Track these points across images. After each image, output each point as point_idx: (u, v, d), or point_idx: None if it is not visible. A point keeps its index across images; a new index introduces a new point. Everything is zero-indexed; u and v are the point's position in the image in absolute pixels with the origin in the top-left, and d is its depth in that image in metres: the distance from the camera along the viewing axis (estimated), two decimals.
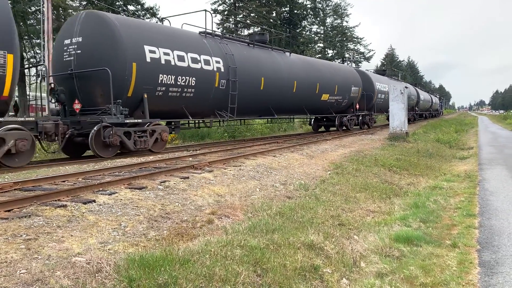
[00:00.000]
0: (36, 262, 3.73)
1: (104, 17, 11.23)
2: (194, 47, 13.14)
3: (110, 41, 10.87)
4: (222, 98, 14.08)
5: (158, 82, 11.72)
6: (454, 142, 20.56)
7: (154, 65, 11.57)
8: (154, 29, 12.51)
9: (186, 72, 12.53)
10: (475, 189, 9.12)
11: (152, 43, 11.64)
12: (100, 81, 10.75)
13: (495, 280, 4.36)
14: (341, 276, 4.54)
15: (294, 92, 18.09)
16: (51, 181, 7.07)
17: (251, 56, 15.85)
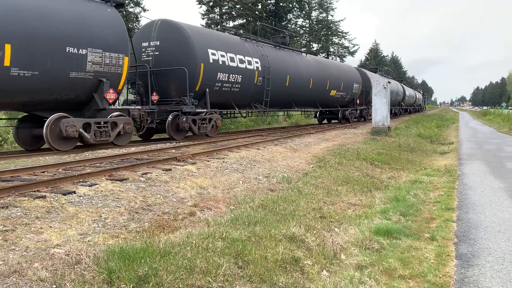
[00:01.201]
0: (13, 254, 3.67)
1: (178, 26, 13.76)
2: (239, 49, 15.72)
3: (185, 46, 13.36)
4: (258, 92, 16.66)
5: (217, 79, 14.33)
6: (435, 137, 20.90)
7: (215, 65, 14.16)
8: (213, 35, 15.40)
9: (235, 71, 15.15)
10: (454, 184, 9.29)
11: (213, 47, 14.23)
12: (175, 78, 13.22)
13: (471, 272, 4.46)
14: (322, 268, 4.59)
15: (310, 88, 20.85)
16: (30, 171, 6.95)
17: (278, 56, 18.42)
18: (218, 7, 40.41)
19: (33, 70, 9.25)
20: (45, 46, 9.42)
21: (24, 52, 9.04)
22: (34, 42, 9.22)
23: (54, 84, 9.84)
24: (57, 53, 9.66)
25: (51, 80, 9.69)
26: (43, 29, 9.39)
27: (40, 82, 9.47)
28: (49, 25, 9.52)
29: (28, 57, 9.14)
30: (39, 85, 9.50)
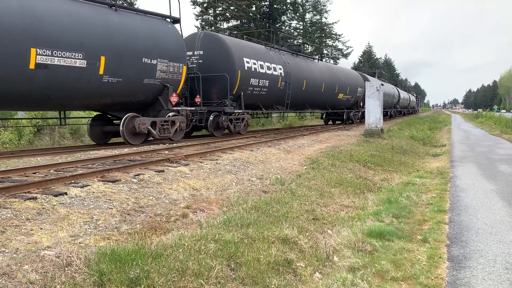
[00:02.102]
0: (2, 256, 3.62)
1: (219, 37, 16.04)
2: (266, 57, 17.82)
3: (225, 55, 15.44)
4: (280, 95, 18.78)
5: (249, 83, 16.37)
6: (427, 139, 21.00)
7: (248, 72, 16.19)
8: (246, 45, 17.45)
9: (264, 76, 17.20)
10: (447, 186, 9.34)
11: (247, 56, 16.29)
12: (217, 82, 15.25)
13: (463, 274, 4.48)
14: (314, 270, 4.58)
15: (322, 91, 23.09)
16: (21, 172, 6.89)
17: (296, 63, 20.52)
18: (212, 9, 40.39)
19: (119, 77, 11.20)
20: (128, 58, 11.42)
21: (113, 63, 10.97)
22: (121, 55, 11.18)
23: (132, 89, 11.81)
24: (136, 63, 11.67)
25: (130, 86, 11.65)
26: (127, 44, 11.41)
27: (122, 87, 11.41)
28: (131, 41, 11.57)
29: (116, 67, 11.07)
30: (121, 89, 11.43)
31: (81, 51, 10.20)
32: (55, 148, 11.63)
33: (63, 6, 10.18)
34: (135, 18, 12.04)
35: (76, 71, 10.18)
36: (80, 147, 11.64)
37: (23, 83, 9.37)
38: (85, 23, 10.45)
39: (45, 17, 9.63)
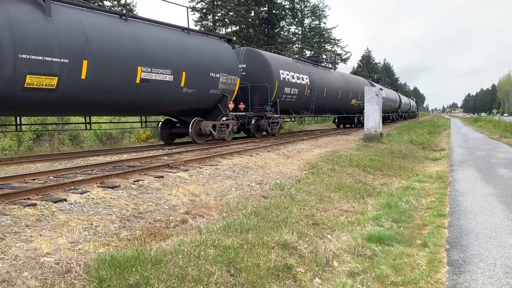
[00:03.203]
0: (2, 263, 3.62)
1: (259, 52, 18.50)
2: (295, 69, 20.17)
3: (265, 68, 17.75)
4: (306, 102, 21.01)
5: (283, 92, 18.69)
6: (427, 143, 21.01)
7: (283, 82, 18.51)
8: (280, 58, 20.04)
9: (294, 85, 19.53)
10: (446, 190, 9.34)
11: (282, 68, 18.63)
12: (258, 91, 17.57)
13: (463, 278, 4.48)
14: (314, 276, 4.58)
15: (339, 98, 25.49)
16: (21, 179, 6.89)
17: (318, 73, 22.83)
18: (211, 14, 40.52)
19: (193, 88, 13.51)
20: (200, 73, 13.71)
21: (190, 77, 13.24)
22: (195, 70, 13.45)
23: (201, 98, 14.12)
24: (205, 77, 13.96)
25: (200, 95, 13.96)
26: (199, 61, 13.69)
27: (195, 97, 13.75)
28: (202, 58, 13.85)
29: (192, 80, 13.33)
30: (194, 98, 13.77)
31: (170, 68, 12.45)
32: (54, 154, 11.63)
33: (155, 31, 12.50)
34: (202, 39, 14.53)
35: (166, 84, 12.45)
36: (80, 153, 11.66)
37: (131, 94, 11.52)
38: (171, 45, 12.77)
39: (146, 41, 11.82)
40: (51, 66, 9.41)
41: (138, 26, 11.94)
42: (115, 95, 11.12)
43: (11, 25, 8.74)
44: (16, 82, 8.88)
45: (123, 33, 11.19)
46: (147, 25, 12.43)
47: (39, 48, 9.14)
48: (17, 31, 8.81)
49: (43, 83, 9.36)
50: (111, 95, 11.03)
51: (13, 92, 8.96)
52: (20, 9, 9.06)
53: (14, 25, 8.79)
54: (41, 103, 9.80)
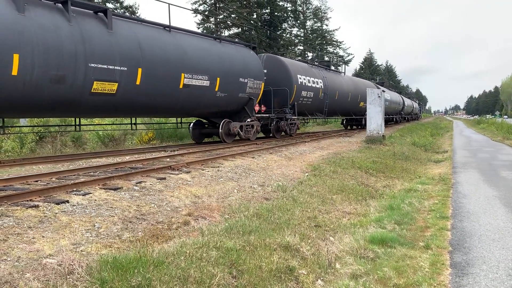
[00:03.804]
0: (4, 264, 3.62)
1: (280, 59, 19.89)
2: (311, 73, 21.41)
3: (285, 73, 19.03)
4: (320, 104, 22.23)
5: (301, 95, 19.89)
6: (429, 145, 20.98)
7: (301, 86, 19.73)
8: (298, 64, 21.36)
9: (310, 89, 20.78)
10: (449, 192, 9.31)
11: (299, 73, 19.93)
12: (278, 95, 18.57)
13: (466, 281, 4.46)
14: (316, 278, 4.57)
15: (349, 100, 26.78)
16: (23, 180, 6.91)
17: (330, 77, 24.14)
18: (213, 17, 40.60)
19: (225, 93, 14.77)
20: (231, 78, 14.99)
21: (223, 82, 14.51)
22: (227, 76, 14.73)
23: (231, 101, 15.36)
24: (236, 82, 15.25)
25: (231, 99, 15.23)
26: (230, 67, 14.99)
27: (226, 100, 15.03)
28: (233, 65, 15.15)
29: (224, 85, 14.58)
30: (225, 101, 15.06)
31: (206, 74, 13.76)
32: (57, 156, 11.65)
33: (194, 41, 13.91)
34: (232, 47, 15.85)
35: (203, 89, 13.77)
36: (82, 155, 11.68)
37: (175, 98, 12.87)
38: (207, 53, 14.08)
39: (187, 50, 13.17)
40: (113, 74, 10.69)
41: (180, 36, 13.33)
42: (162, 99, 12.46)
43: (83, 38, 9.99)
44: (85, 87, 10.14)
45: (169, 43, 12.57)
46: (187, 35, 13.86)
47: (104, 58, 10.39)
48: (88, 43, 10.05)
49: (106, 88, 10.61)
50: (159, 98, 12.34)
51: (82, 96, 10.20)
52: (89, 24, 10.29)
53: (85, 38, 10.03)
54: (103, 106, 11.05)
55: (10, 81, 8.70)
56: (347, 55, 60.18)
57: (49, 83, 9.39)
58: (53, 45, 9.32)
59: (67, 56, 9.60)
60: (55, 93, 9.62)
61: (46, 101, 9.71)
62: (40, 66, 9.14)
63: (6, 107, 9.24)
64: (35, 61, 9.03)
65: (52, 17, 9.50)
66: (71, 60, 9.68)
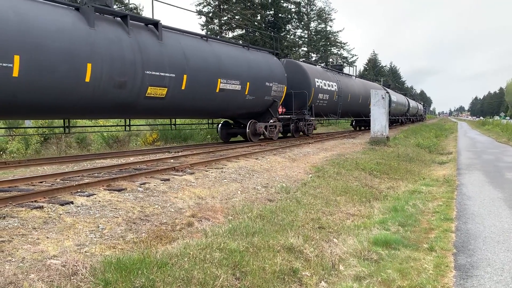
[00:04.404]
0: (9, 265, 3.64)
1: (299, 63, 21.47)
2: (326, 77, 22.81)
3: (304, 77, 20.25)
4: (334, 106, 23.55)
5: (317, 97, 21.18)
6: (433, 147, 20.90)
7: (318, 89, 21.03)
8: (314, 68, 22.75)
9: (326, 92, 22.07)
10: (453, 194, 9.28)
11: (316, 77, 21.18)
12: (297, 97, 19.62)
13: (470, 283, 4.44)
14: (320, 279, 4.56)
15: (360, 102, 27.94)
16: (28, 181, 6.94)
17: (343, 80, 25.58)
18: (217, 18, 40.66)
19: (254, 96, 16.07)
20: (259, 82, 16.29)
21: (252, 86, 15.81)
22: (255, 80, 16.01)
23: (258, 103, 16.67)
24: (262, 86, 16.54)
25: (258, 101, 16.55)
26: (259, 73, 16.33)
27: (254, 102, 16.37)
28: (260, 71, 16.50)
29: (253, 89, 15.87)
30: (253, 104, 16.39)
31: (238, 79, 15.08)
32: (61, 157, 11.70)
33: (227, 48, 15.35)
34: (259, 54, 17.28)
35: (235, 93, 15.07)
36: (87, 156, 11.73)
37: (211, 101, 14.20)
38: (238, 60, 15.42)
39: (222, 57, 14.52)
40: (164, 80, 11.92)
41: (215, 45, 14.73)
42: (202, 102, 13.86)
43: (140, 48, 11.22)
44: (141, 92, 11.36)
45: (207, 52, 13.93)
46: (221, 44, 15.37)
47: (156, 66, 11.63)
48: (144, 53, 11.29)
49: (157, 93, 11.86)
50: (200, 101, 13.73)
51: (138, 100, 11.43)
52: (144, 35, 11.55)
53: (142, 48, 11.26)
54: (154, 108, 12.35)
55: (84, 87, 9.90)
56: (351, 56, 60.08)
57: (113, 88, 10.59)
58: (117, 55, 10.55)
59: (128, 65, 10.83)
60: (117, 97, 10.83)
61: (109, 104, 10.92)
62: (107, 73, 10.33)
63: (77, 110, 10.46)
64: (103, 69, 10.22)
65: (115, 30, 10.76)
66: (131, 68, 10.91)
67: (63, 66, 9.34)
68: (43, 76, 8.99)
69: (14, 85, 8.54)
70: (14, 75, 8.41)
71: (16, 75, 8.45)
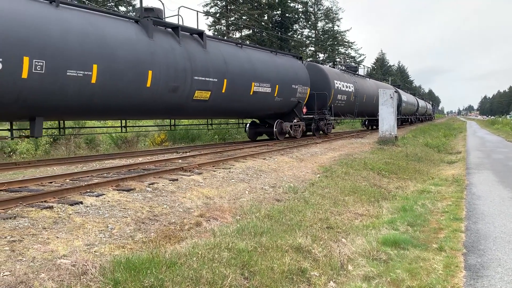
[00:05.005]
0: (20, 264, 3.68)
1: (319, 66, 22.37)
2: (344, 78, 23.88)
3: (324, 79, 21.18)
4: (351, 106, 24.54)
5: (336, 98, 22.05)
6: (442, 146, 20.76)
7: (337, 90, 22.01)
8: (334, 70, 24.02)
9: (344, 92, 23.07)
10: (463, 193, 9.20)
11: (335, 78, 22.20)
12: (319, 98, 20.59)
13: (480, 283, 4.40)
14: (329, 279, 4.55)
15: (374, 102, 27.90)
16: (38, 182, 7.00)
17: (359, 81, 26.67)
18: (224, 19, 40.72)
19: (281, 97, 17.28)
20: (286, 85, 17.45)
21: (280, 88, 16.97)
22: (283, 83, 17.24)
23: (285, 104, 17.85)
24: (289, 88, 17.70)
25: (285, 102, 17.72)
26: (286, 76, 17.54)
27: (281, 103, 17.54)
28: (287, 74, 17.68)
29: (281, 91, 17.06)
30: (281, 105, 17.55)
31: (269, 82, 16.29)
32: (70, 158, 11.79)
33: (258, 54, 16.70)
34: (285, 59, 18.52)
35: (266, 95, 16.29)
36: (95, 156, 11.81)
37: (246, 103, 15.52)
38: (268, 65, 16.64)
39: (255, 62, 15.86)
40: (208, 84, 13.20)
41: (248, 51, 16.17)
42: (239, 104, 15.18)
43: (189, 56, 12.50)
44: (190, 95, 12.63)
45: (242, 57, 15.30)
46: (253, 50, 16.83)
47: (202, 71, 12.90)
48: (192, 60, 12.56)
49: (203, 96, 13.14)
50: (237, 103, 15.06)
51: (187, 102, 12.72)
52: (191, 45, 12.89)
53: (191, 56, 12.55)
54: (199, 110, 13.71)
55: (145, 91, 11.10)
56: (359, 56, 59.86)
57: (167, 92, 11.80)
58: (171, 62, 11.77)
59: (180, 71, 12.06)
60: (170, 100, 12.07)
61: (164, 106, 12.11)
62: (163, 79, 11.54)
63: (138, 111, 11.77)
64: (161, 75, 11.41)
65: (168, 40, 12.04)
66: (182, 74, 12.16)
67: (130, 73, 10.56)
68: (113, 82, 10.19)
69: (92, 90, 9.76)
70: (92, 82, 9.67)
71: (94, 82, 9.71)
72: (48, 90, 8.89)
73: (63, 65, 9.00)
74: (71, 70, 9.16)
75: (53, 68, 8.82)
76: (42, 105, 9.07)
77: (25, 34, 8.34)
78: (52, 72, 8.82)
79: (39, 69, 8.57)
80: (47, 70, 8.71)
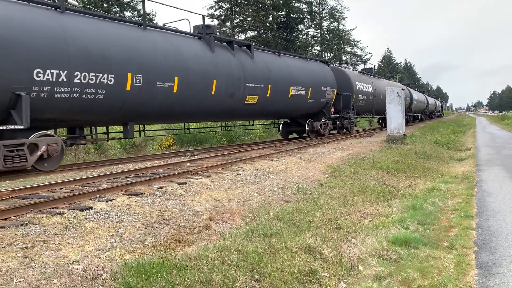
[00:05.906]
0: (32, 271, 3.72)
1: (343, 70, 23.81)
2: (364, 80, 25.40)
3: (348, 81, 22.61)
4: (370, 106, 26.14)
5: (358, 98, 23.64)
6: (451, 143, 20.60)
7: (358, 91, 23.56)
8: (355, 73, 25.25)
9: (364, 93, 24.66)
10: (473, 191, 9.13)
11: (356, 80, 23.76)
12: (342, 99, 21.95)
13: (493, 281, 4.36)
14: (339, 280, 4.54)
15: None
16: (48, 188, 7.07)
17: (375, 82, 28.36)
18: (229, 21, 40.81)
19: (313, 99, 19.13)
20: (317, 87, 19.30)
21: (313, 91, 18.86)
22: (315, 86, 19.09)
23: (316, 105, 19.74)
24: (319, 90, 19.55)
25: (316, 103, 19.59)
26: (317, 80, 19.46)
27: (313, 105, 19.43)
28: (318, 77, 19.65)
29: (313, 93, 18.94)
30: (312, 105, 19.45)
31: (303, 86, 18.18)
32: (80, 164, 11.89)
33: (293, 61, 18.75)
34: (314, 64, 20.62)
35: (301, 97, 18.21)
36: (104, 162, 11.89)
37: (285, 105, 17.47)
38: (302, 70, 18.55)
39: (292, 68, 17.77)
40: (256, 89, 15.18)
41: (285, 58, 18.14)
42: (279, 106, 17.12)
43: (242, 66, 14.54)
44: (242, 100, 14.67)
45: (281, 64, 17.20)
46: (289, 57, 18.88)
47: (252, 79, 14.87)
48: (244, 69, 14.55)
49: (252, 100, 15.12)
50: (278, 105, 16.96)
51: (239, 106, 14.75)
52: (242, 56, 14.90)
53: (243, 66, 14.59)
54: (249, 112, 15.96)
55: (210, 98, 13.17)
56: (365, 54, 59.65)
57: (226, 98, 13.82)
58: (229, 72, 13.80)
59: (236, 79, 14.10)
60: (227, 104, 14.11)
61: (222, 110, 14.27)
62: (224, 87, 13.54)
63: (203, 115, 13.91)
64: (222, 83, 13.43)
65: (226, 53, 14.11)
66: (237, 82, 14.17)
67: (200, 82, 12.53)
68: (188, 91, 12.16)
69: (173, 98, 11.79)
70: (174, 91, 11.68)
71: (175, 91, 11.72)
72: (143, 99, 10.85)
73: (154, 78, 10.98)
74: (159, 82, 11.17)
75: (148, 81, 10.79)
76: (137, 112, 11.06)
77: (128, 53, 10.36)
78: (147, 84, 10.79)
79: (138, 82, 10.56)
80: (143, 83, 10.69)
